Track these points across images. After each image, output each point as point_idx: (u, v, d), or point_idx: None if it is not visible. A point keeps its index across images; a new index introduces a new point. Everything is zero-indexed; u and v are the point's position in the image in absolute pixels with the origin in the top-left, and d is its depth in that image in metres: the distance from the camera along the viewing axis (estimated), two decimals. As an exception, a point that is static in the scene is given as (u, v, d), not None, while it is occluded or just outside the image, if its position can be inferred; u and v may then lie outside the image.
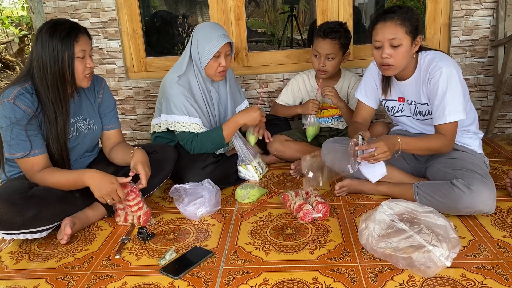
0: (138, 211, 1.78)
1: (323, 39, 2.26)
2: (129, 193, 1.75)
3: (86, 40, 1.72)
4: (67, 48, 1.65)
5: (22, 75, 1.71)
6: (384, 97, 1.97)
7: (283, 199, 1.86)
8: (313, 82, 2.48)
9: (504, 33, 2.50)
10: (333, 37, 2.24)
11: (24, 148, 1.65)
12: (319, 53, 2.28)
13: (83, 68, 1.71)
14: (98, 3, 2.70)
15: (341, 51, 2.29)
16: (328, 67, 2.31)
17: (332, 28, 2.24)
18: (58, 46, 1.64)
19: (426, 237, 1.33)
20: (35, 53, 1.67)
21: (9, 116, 1.63)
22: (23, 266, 1.57)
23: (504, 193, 1.86)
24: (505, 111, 2.71)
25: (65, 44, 1.64)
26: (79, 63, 1.69)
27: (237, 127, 2.13)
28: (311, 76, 2.50)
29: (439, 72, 1.70)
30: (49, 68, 1.65)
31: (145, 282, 1.40)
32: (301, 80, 2.52)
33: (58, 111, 1.71)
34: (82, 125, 1.86)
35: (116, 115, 2.02)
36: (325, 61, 2.29)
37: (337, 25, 2.27)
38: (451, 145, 1.76)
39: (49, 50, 1.64)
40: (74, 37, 1.66)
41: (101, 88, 1.94)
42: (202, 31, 2.11)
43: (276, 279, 1.37)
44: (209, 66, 2.10)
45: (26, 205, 1.59)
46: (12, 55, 6.47)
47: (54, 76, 1.66)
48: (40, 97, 1.68)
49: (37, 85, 1.68)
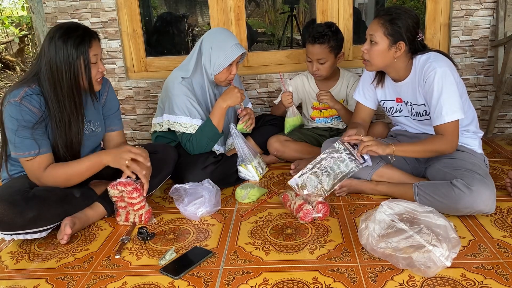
0: (140, 209, 1.78)
1: (312, 45, 2.25)
2: (132, 191, 1.74)
3: (98, 44, 1.71)
4: (82, 54, 1.63)
5: (29, 77, 1.68)
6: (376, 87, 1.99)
7: (283, 199, 1.86)
8: (312, 83, 2.48)
9: (504, 33, 2.50)
10: (322, 41, 2.22)
11: (32, 149, 1.64)
12: (311, 58, 2.29)
13: (95, 73, 1.70)
14: (98, 3, 2.70)
15: (332, 54, 2.27)
16: (321, 71, 2.31)
17: (321, 32, 2.22)
18: (73, 53, 1.62)
19: (426, 237, 1.33)
20: (46, 58, 1.64)
21: (16, 117, 1.61)
22: (23, 266, 1.57)
23: (504, 193, 1.86)
24: (505, 111, 2.71)
25: (80, 50, 1.63)
26: (93, 68, 1.68)
27: (223, 111, 2.13)
28: (310, 78, 2.49)
29: (433, 72, 1.70)
30: (64, 75, 1.63)
31: (145, 282, 1.40)
32: (300, 80, 2.52)
33: (73, 119, 1.70)
34: (86, 128, 1.85)
35: (119, 116, 2.01)
36: (318, 65, 2.29)
37: (326, 28, 2.24)
38: (454, 145, 1.74)
39: (64, 57, 1.62)
40: (88, 43, 1.64)
41: (105, 89, 1.93)
42: (216, 39, 2.11)
43: (276, 279, 1.37)
44: (221, 74, 2.12)
45: (27, 206, 1.59)
46: (12, 55, 6.47)
47: (69, 84, 1.65)
48: (49, 102, 1.66)
49: (45, 89, 1.66)
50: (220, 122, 2.13)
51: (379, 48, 1.75)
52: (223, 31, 2.19)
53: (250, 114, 2.25)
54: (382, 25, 1.72)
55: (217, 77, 2.15)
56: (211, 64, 2.11)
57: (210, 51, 2.10)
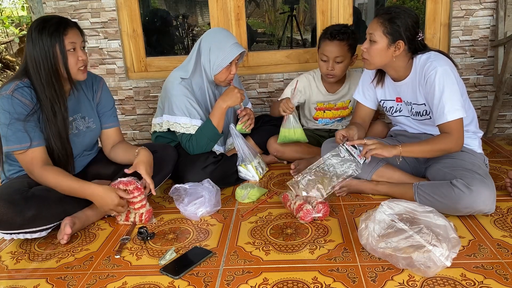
0: (141, 208, 1.78)
1: (330, 41, 2.18)
2: (133, 190, 1.74)
3: (76, 33, 1.70)
4: (57, 42, 1.64)
5: (19, 73, 1.71)
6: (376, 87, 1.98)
7: (283, 199, 1.86)
8: (319, 83, 2.41)
9: (504, 33, 2.50)
10: (341, 38, 2.17)
11: (24, 142, 1.65)
12: (327, 56, 2.21)
13: (75, 61, 1.70)
14: (98, 3, 2.70)
15: (349, 53, 2.22)
16: (336, 71, 2.24)
17: (339, 30, 2.18)
18: (48, 42, 1.63)
19: (426, 237, 1.33)
20: (28, 52, 1.67)
21: (9, 110, 1.62)
22: (23, 266, 1.57)
23: (504, 193, 1.86)
24: (505, 111, 2.71)
25: (54, 38, 1.64)
26: (71, 56, 1.68)
27: (223, 112, 2.13)
28: (317, 78, 2.41)
29: (434, 72, 1.70)
30: (42, 65, 1.65)
31: (145, 282, 1.40)
32: (306, 80, 2.42)
33: (56, 107, 1.70)
34: (81, 123, 1.87)
35: (115, 114, 2.02)
36: (334, 64, 2.22)
37: (343, 27, 2.21)
38: (461, 143, 1.73)
39: (39, 47, 1.64)
40: (62, 31, 1.65)
41: (99, 87, 1.94)
42: (215, 39, 2.11)
43: (276, 279, 1.37)
44: (221, 74, 2.12)
45: (26, 205, 1.59)
46: (12, 55, 6.46)
47: (48, 73, 1.66)
48: (37, 94, 1.68)
49: (33, 82, 1.68)
50: (220, 122, 2.13)
51: (378, 47, 1.75)
52: (221, 31, 2.19)
53: (250, 114, 2.25)
54: (381, 24, 1.72)
55: (217, 77, 2.15)
56: (211, 64, 2.11)
57: (209, 52, 2.10)
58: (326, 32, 2.22)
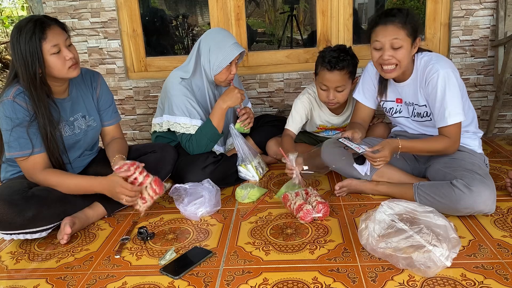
0: (146, 179, 1.70)
1: (330, 72, 2.01)
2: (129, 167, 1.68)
3: (57, 32, 1.62)
4: (35, 50, 1.57)
5: (12, 78, 1.67)
6: (380, 98, 1.98)
7: (283, 199, 1.86)
8: (322, 106, 2.26)
9: (504, 33, 2.50)
10: (341, 67, 2.01)
11: (26, 148, 1.64)
12: (327, 86, 2.06)
13: (62, 62, 1.63)
14: (98, 3, 2.70)
15: (350, 80, 2.08)
16: (339, 98, 2.09)
17: (337, 57, 2.00)
18: (25, 50, 1.57)
19: (426, 237, 1.33)
20: (12, 58, 1.62)
21: (10, 116, 1.62)
22: (23, 266, 1.57)
23: (504, 193, 1.86)
24: (505, 111, 2.71)
25: (32, 46, 1.56)
26: (56, 59, 1.62)
27: (223, 112, 2.12)
28: (318, 100, 2.25)
29: (436, 75, 1.70)
30: (23, 73, 1.60)
31: (145, 282, 1.40)
32: (308, 104, 2.26)
33: (40, 112, 1.64)
34: (82, 123, 1.86)
35: (115, 109, 2.02)
36: (335, 93, 2.07)
37: (342, 52, 2.02)
38: (456, 146, 1.76)
39: (18, 56, 1.59)
40: (40, 36, 1.57)
41: (98, 83, 1.94)
42: (214, 39, 2.11)
43: (276, 279, 1.37)
44: (221, 74, 2.12)
45: (26, 205, 1.59)
46: (12, 55, 6.45)
47: (27, 81, 1.60)
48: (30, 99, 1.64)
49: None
50: (220, 122, 2.13)
51: (405, 51, 1.70)
52: (220, 31, 2.19)
53: (249, 113, 2.25)
54: (401, 27, 1.68)
55: (217, 78, 2.14)
56: (210, 65, 2.11)
57: (209, 52, 2.10)
58: (324, 59, 2.03)
